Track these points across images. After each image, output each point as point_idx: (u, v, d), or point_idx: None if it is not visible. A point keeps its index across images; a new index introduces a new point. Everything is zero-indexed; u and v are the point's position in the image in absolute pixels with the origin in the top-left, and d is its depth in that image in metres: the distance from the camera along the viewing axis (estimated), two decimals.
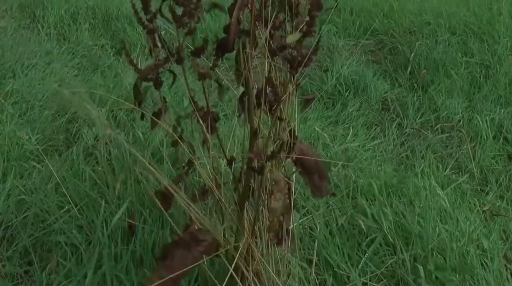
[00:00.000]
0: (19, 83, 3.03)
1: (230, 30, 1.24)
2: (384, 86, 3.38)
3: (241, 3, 1.22)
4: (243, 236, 1.48)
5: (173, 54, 1.39)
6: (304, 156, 1.41)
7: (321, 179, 1.43)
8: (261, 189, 1.42)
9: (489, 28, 3.70)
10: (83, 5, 4.35)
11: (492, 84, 3.26)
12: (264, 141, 1.40)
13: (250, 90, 1.34)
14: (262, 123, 1.41)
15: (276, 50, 1.28)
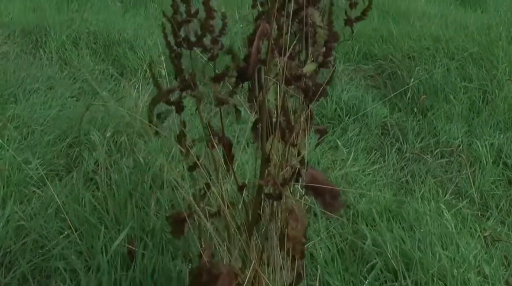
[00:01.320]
0: (21, 108, 3.05)
1: (250, 59, 1.26)
2: (384, 111, 3.40)
3: (261, 33, 1.24)
4: (251, 262, 1.48)
5: (190, 80, 1.40)
6: (316, 181, 1.41)
7: (333, 198, 1.44)
8: (273, 216, 1.43)
9: (488, 54, 3.73)
10: (85, 30, 4.39)
11: (491, 109, 3.27)
12: (277, 169, 1.41)
13: (263, 118, 1.36)
14: (275, 151, 1.42)
15: (292, 79, 1.30)
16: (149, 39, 4.29)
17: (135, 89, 3.50)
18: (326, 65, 1.29)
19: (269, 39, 1.26)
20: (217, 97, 1.40)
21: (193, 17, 1.31)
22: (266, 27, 1.24)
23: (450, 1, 5.69)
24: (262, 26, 1.24)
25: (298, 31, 1.35)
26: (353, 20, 1.38)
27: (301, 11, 1.31)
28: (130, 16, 5.04)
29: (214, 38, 1.33)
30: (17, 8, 5.00)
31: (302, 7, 1.30)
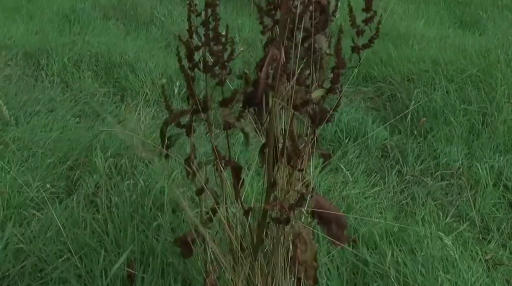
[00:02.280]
0: (22, 130, 3.06)
1: (259, 84, 1.27)
2: (384, 133, 3.40)
3: (270, 59, 1.26)
4: None
5: (201, 103, 1.42)
6: (321, 207, 1.41)
7: (339, 228, 1.43)
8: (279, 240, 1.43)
9: (487, 76, 3.75)
10: (87, 53, 4.42)
11: (491, 132, 3.28)
12: (283, 193, 1.42)
13: (270, 143, 1.37)
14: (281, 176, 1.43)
15: (299, 105, 1.31)
16: (150, 62, 4.32)
17: (136, 111, 3.53)
18: (334, 91, 1.30)
19: (278, 65, 1.27)
20: (225, 121, 1.41)
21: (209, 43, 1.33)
22: (275, 54, 1.26)
23: (448, 24, 5.74)
24: (272, 52, 1.26)
25: (306, 57, 1.37)
26: (360, 47, 1.40)
27: (309, 38, 1.33)
28: (132, 38, 5.08)
29: (222, 64, 1.35)
30: (20, 30, 5.04)
31: (310, 34, 1.32)
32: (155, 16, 5.74)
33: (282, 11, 1.26)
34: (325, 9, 1.32)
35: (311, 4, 1.29)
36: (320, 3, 1.32)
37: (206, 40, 1.34)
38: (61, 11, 5.79)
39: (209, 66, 1.36)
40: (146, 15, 5.80)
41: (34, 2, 6.18)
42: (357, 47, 1.40)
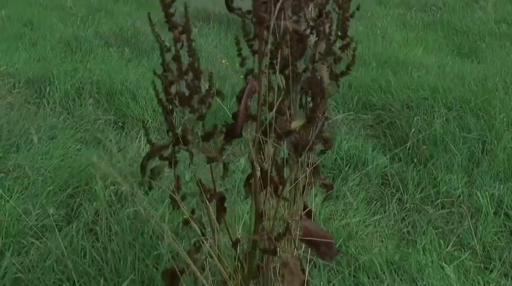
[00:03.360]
0: (23, 158, 3.07)
1: (238, 117, 1.29)
2: (384, 161, 3.41)
3: (249, 91, 1.27)
4: None
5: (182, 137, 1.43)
6: (310, 233, 1.42)
7: (328, 247, 1.43)
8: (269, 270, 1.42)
9: (485, 104, 3.78)
10: (88, 80, 4.45)
11: (491, 160, 3.29)
12: (271, 223, 1.41)
13: (255, 174, 1.37)
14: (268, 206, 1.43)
15: (282, 135, 1.32)
16: (151, 89, 4.34)
17: (137, 138, 3.54)
18: (314, 120, 1.31)
19: (259, 96, 1.29)
20: (207, 156, 1.42)
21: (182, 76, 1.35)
22: (254, 86, 1.27)
23: (447, 51, 5.80)
24: (250, 84, 1.27)
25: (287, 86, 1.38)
26: (338, 75, 1.42)
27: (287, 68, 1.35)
28: (133, 66, 5.13)
29: (201, 98, 1.36)
30: (23, 58, 5.09)
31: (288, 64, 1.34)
32: (156, 44, 5.79)
33: (258, 42, 1.27)
34: (303, 38, 1.33)
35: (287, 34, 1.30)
36: (298, 33, 1.34)
37: (178, 75, 1.35)
38: (63, 39, 5.86)
39: (185, 99, 1.37)
40: (147, 42, 5.86)
41: (36, 30, 6.26)
42: (335, 74, 1.43)
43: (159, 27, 4.82)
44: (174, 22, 1.31)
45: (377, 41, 5.83)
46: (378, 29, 6.30)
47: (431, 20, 7.01)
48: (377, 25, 6.43)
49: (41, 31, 6.18)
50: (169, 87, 1.40)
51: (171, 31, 1.33)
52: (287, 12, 1.33)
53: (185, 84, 1.37)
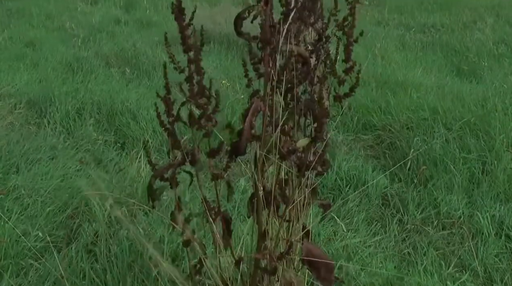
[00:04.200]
0: (22, 179, 3.07)
1: (243, 135, 1.30)
2: (384, 182, 3.41)
3: (254, 110, 1.29)
4: None
5: (188, 156, 1.44)
6: (312, 255, 1.42)
7: (328, 272, 1.44)
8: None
9: (485, 125, 3.79)
10: (89, 100, 4.47)
11: (491, 180, 3.28)
12: (273, 243, 1.42)
13: (258, 193, 1.38)
14: (271, 225, 1.44)
15: (286, 154, 1.34)
16: (151, 109, 4.36)
17: (137, 159, 3.54)
18: (318, 140, 1.32)
19: (263, 116, 1.30)
20: (211, 173, 1.43)
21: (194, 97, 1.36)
22: (259, 105, 1.29)
23: (446, 72, 5.82)
24: (255, 104, 1.29)
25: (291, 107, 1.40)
26: (341, 96, 1.44)
27: (293, 89, 1.37)
28: (133, 86, 5.15)
29: (208, 116, 1.38)
30: (24, 79, 5.12)
31: (294, 86, 1.36)
32: (157, 64, 5.84)
33: (264, 64, 1.30)
34: (307, 61, 1.36)
35: (293, 57, 1.32)
36: (302, 56, 1.36)
37: (191, 95, 1.36)
38: (65, 59, 5.90)
39: (195, 120, 1.38)
40: (148, 63, 5.90)
41: (38, 51, 6.31)
42: (338, 96, 1.45)
43: (159, 48, 4.88)
44: (189, 44, 1.33)
45: (376, 61, 5.87)
46: (377, 50, 6.34)
47: (430, 41, 7.06)
48: (376, 45, 6.47)
49: (42, 52, 6.24)
50: (171, 109, 1.41)
51: (185, 52, 1.35)
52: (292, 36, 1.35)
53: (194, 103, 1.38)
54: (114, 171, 3.37)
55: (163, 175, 1.48)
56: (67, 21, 8.15)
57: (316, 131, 1.35)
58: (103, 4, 9.96)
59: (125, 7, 9.80)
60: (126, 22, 8.36)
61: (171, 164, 1.46)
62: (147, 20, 8.49)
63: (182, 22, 1.32)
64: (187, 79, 1.37)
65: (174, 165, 1.46)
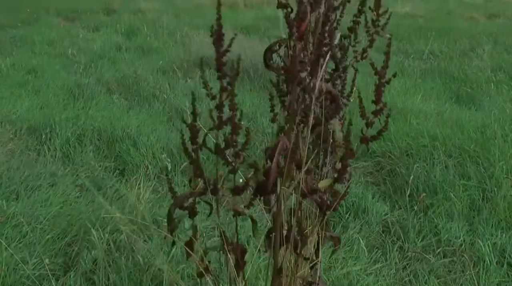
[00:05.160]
0: (22, 206, 3.06)
1: (270, 175, 1.29)
2: (384, 209, 3.40)
3: (280, 149, 1.28)
4: None
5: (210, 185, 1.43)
6: None
7: None
8: None
9: (484, 152, 3.79)
10: (90, 127, 4.48)
11: (492, 208, 3.28)
12: (288, 279, 1.41)
13: (277, 229, 1.37)
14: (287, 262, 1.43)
15: (307, 193, 1.33)
16: (152, 136, 4.38)
17: (136, 186, 3.53)
18: (341, 181, 1.32)
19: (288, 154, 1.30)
20: (234, 209, 1.42)
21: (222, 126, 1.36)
22: (285, 143, 1.28)
23: (445, 99, 5.85)
24: (282, 142, 1.29)
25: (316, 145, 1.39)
26: (368, 138, 1.43)
27: (318, 126, 1.37)
28: (134, 113, 5.17)
29: (237, 152, 1.37)
30: (25, 105, 5.14)
31: (320, 123, 1.36)
32: (158, 90, 5.88)
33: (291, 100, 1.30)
34: (336, 98, 1.36)
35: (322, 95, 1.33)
36: (331, 93, 1.36)
37: (219, 124, 1.36)
38: (66, 86, 5.94)
39: (220, 149, 1.38)
40: (148, 89, 5.93)
41: (40, 77, 6.35)
42: (365, 138, 1.43)
43: (160, 74, 4.91)
44: (224, 71, 1.34)
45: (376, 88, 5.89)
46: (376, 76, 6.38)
47: (429, 67, 7.11)
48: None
49: (44, 78, 6.28)
50: (196, 137, 1.41)
51: (219, 79, 1.35)
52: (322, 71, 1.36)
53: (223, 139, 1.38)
54: (114, 198, 3.36)
55: (183, 204, 1.47)
56: (69, 48, 8.23)
57: (340, 173, 1.35)
58: (105, 31, 10.07)
59: (126, 34, 9.91)
60: (128, 49, 8.44)
61: (192, 192, 1.46)
62: (148, 46, 8.57)
63: (220, 48, 1.32)
64: (217, 106, 1.37)
65: (194, 194, 1.45)
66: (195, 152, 1.42)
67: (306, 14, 1.24)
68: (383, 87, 1.41)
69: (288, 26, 1.30)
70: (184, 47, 8.38)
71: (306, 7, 1.24)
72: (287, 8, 1.33)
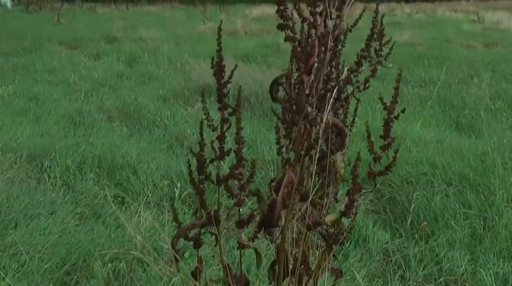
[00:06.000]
0: (20, 234, 3.05)
1: (276, 209, 1.29)
2: (385, 237, 3.38)
3: (286, 182, 1.29)
4: None
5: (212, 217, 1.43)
6: None
7: None
8: None
9: (485, 180, 3.79)
10: (90, 154, 4.49)
11: (493, 237, 3.26)
12: None
13: (281, 261, 1.37)
14: None
15: (312, 226, 1.33)
16: (152, 163, 4.38)
17: (136, 213, 3.52)
18: (348, 216, 1.32)
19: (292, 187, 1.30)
20: (239, 242, 1.41)
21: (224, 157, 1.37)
22: (291, 177, 1.29)
23: (444, 126, 5.87)
24: (288, 175, 1.29)
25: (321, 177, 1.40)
26: (376, 173, 1.42)
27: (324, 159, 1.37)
28: (135, 140, 5.19)
29: (242, 185, 1.37)
30: (26, 133, 5.16)
31: (325, 156, 1.36)
32: (158, 118, 5.91)
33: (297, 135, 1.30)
34: (341, 131, 1.37)
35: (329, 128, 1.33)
36: (337, 126, 1.37)
37: (221, 155, 1.36)
38: (67, 113, 5.97)
39: (222, 180, 1.38)
40: (149, 117, 5.96)
41: (41, 105, 6.39)
42: (373, 173, 1.43)
43: (160, 102, 4.95)
44: (226, 103, 1.35)
45: (375, 116, 5.92)
46: (376, 104, 6.41)
47: (428, 95, 7.15)
48: (375, 100, 6.55)
49: (45, 106, 6.32)
50: (203, 167, 1.41)
51: (220, 110, 1.36)
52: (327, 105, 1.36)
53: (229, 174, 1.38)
54: (113, 226, 3.35)
55: (187, 235, 1.46)
56: (70, 76, 8.30)
57: (347, 208, 1.35)
58: (106, 59, 10.17)
59: (127, 61, 10.01)
60: (129, 77, 8.51)
61: (195, 223, 1.46)
62: (148, 74, 8.65)
63: (221, 79, 1.33)
64: (218, 137, 1.38)
65: (197, 225, 1.45)
66: (201, 183, 1.42)
67: (314, 48, 1.25)
68: (392, 122, 1.41)
69: (296, 60, 1.31)
70: (185, 75, 8.46)
71: (315, 42, 1.25)
72: (295, 41, 1.34)
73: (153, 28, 16.35)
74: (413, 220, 3.51)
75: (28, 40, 12.41)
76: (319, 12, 1.29)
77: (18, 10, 29.73)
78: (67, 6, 30.63)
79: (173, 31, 16.40)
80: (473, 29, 17.51)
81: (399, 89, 1.39)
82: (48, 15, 21.80)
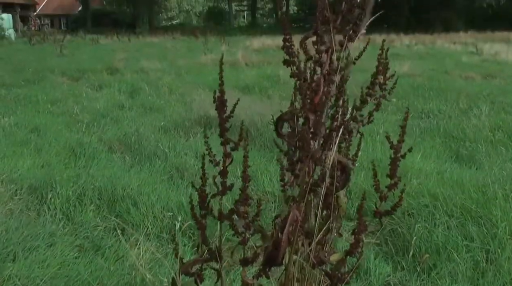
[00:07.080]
0: (19, 267, 3.02)
1: (281, 247, 1.28)
2: (387, 269, 3.35)
3: (291, 220, 1.28)
4: None
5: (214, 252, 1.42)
6: None
7: None
8: None
9: (486, 212, 3.77)
10: (90, 186, 4.48)
11: (496, 270, 3.22)
12: None
13: None
14: None
15: (316, 264, 1.32)
16: (152, 195, 4.36)
17: (136, 246, 3.50)
18: (353, 255, 1.31)
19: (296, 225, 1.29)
20: (243, 280, 1.40)
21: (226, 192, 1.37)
22: (296, 215, 1.28)
23: (445, 158, 5.87)
24: (293, 214, 1.28)
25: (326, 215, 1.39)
26: (382, 213, 1.42)
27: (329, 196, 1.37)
28: (135, 171, 5.18)
29: (247, 224, 1.37)
30: (27, 164, 5.17)
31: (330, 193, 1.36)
32: (159, 149, 5.91)
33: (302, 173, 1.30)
34: (346, 169, 1.37)
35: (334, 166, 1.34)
36: (342, 163, 1.37)
37: (223, 190, 1.36)
38: (68, 144, 5.98)
39: (224, 215, 1.38)
40: (150, 148, 5.97)
41: (42, 136, 6.41)
42: (379, 212, 1.43)
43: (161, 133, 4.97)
44: (227, 137, 1.35)
45: (375, 147, 5.93)
46: (377, 135, 6.43)
47: (428, 126, 7.18)
48: (375, 131, 6.57)
49: (47, 137, 6.34)
50: (205, 202, 1.41)
51: (223, 145, 1.37)
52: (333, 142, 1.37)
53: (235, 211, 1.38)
54: (113, 258, 3.32)
55: (189, 271, 1.45)
56: (72, 106, 8.35)
57: (352, 247, 1.35)
58: (108, 90, 10.24)
59: (129, 93, 10.08)
60: (130, 108, 8.56)
61: (197, 259, 1.45)
62: (150, 105, 8.70)
63: (223, 113, 1.34)
64: (220, 173, 1.38)
65: (199, 261, 1.44)
66: (203, 218, 1.42)
67: (320, 86, 1.26)
68: (398, 161, 1.42)
69: (301, 97, 1.32)
70: (186, 106, 8.51)
71: (320, 79, 1.26)
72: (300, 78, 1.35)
73: (155, 59, 16.53)
74: (415, 252, 3.48)
75: (30, 72, 12.53)
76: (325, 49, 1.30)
77: (22, 42, 30.10)
78: (70, 37, 31.04)
79: (174, 62, 16.57)
80: (471, 61, 17.68)
81: (405, 128, 1.39)
82: (51, 47, 22.05)
